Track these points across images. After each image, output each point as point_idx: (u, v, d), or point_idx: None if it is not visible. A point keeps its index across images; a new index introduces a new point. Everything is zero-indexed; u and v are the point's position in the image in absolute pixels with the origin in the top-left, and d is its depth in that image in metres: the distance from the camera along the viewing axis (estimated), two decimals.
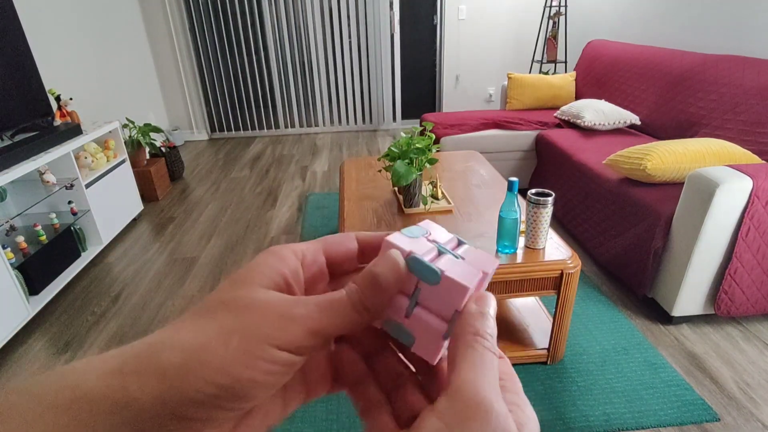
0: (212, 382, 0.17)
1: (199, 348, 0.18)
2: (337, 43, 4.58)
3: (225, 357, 0.18)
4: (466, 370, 0.19)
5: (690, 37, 2.79)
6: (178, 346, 0.18)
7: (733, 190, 1.54)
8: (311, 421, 1.44)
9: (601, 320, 1.83)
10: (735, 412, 1.42)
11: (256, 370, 0.18)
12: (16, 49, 2.12)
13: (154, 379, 0.17)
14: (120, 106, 3.66)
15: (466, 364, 0.19)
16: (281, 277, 0.22)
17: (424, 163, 1.71)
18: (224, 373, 0.18)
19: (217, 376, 0.18)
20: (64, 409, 0.17)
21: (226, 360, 0.18)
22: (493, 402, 0.18)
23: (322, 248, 0.24)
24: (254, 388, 0.18)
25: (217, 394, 0.18)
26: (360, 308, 0.21)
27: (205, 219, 2.94)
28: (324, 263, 0.24)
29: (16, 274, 1.84)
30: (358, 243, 0.25)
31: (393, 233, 0.24)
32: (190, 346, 0.18)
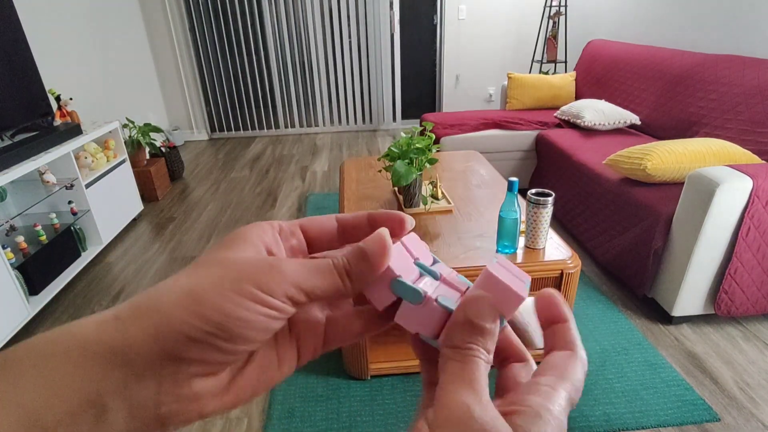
0: (205, 317, 0.18)
1: (194, 289, 0.19)
2: (337, 43, 4.58)
3: (217, 296, 0.19)
4: (445, 381, 0.19)
5: (690, 37, 2.79)
6: (174, 289, 0.19)
7: (733, 190, 1.53)
8: (311, 421, 1.44)
9: (601, 320, 1.83)
10: (735, 412, 1.42)
11: (246, 309, 0.19)
12: (16, 49, 2.12)
13: (149, 318, 0.18)
14: (120, 106, 3.66)
15: (445, 375, 0.19)
16: (263, 244, 0.23)
17: (424, 163, 1.71)
18: (216, 310, 0.18)
19: (209, 312, 0.18)
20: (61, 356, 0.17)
21: (218, 298, 0.19)
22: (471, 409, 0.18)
23: (299, 224, 0.25)
24: (245, 328, 0.19)
25: (210, 331, 0.18)
26: (343, 275, 0.22)
27: (205, 219, 2.94)
28: (302, 237, 0.25)
29: (16, 274, 1.84)
30: (338, 223, 0.26)
31: None
32: (186, 287, 0.19)
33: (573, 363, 0.21)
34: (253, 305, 0.19)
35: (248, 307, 0.19)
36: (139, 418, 0.18)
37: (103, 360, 0.17)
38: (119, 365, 0.17)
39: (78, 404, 0.17)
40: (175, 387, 0.19)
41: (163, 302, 0.19)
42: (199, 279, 0.20)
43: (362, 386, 1.56)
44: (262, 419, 1.47)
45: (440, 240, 1.59)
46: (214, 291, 0.19)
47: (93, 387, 0.17)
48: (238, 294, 0.19)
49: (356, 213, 0.26)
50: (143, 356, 0.18)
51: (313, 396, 1.53)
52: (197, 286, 0.19)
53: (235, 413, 1.49)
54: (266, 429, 1.43)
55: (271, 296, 0.20)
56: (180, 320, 0.18)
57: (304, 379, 1.60)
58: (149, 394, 0.18)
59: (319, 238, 0.26)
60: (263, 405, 1.52)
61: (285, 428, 1.42)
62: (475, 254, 1.48)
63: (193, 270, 0.20)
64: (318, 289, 0.21)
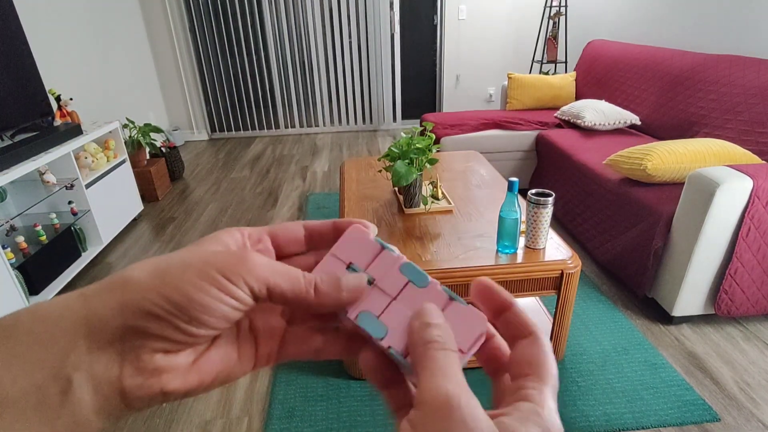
0: (167, 297, 0.19)
1: (161, 268, 0.20)
2: (337, 43, 4.58)
3: (181, 277, 0.20)
4: (425, 378, 0.19)
5: (690, 37, 2.79)
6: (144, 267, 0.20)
7: (734, 190, 1.54)
8: (311, 421, 1.44)
9: (601, 320, 1.83)
10: (735, 412, 1.42)
11: (206, 293, 0.20)
12: (16, 49, 2.12)
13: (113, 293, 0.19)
14: (120, 106, 3.66)
15: (425, 372, 0.20)
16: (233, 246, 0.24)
17: (424, 163, 1.71)
18: (178, 291, 0.19)
19: (171, 292, 0.19)
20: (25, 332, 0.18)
21: (181, 280, 0.20)
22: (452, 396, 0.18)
23: (267, 231, 0.26)
24: (203, 312, 0.20)
25: (170, 310, 0.19)
26: (310, 287, 0.23)
27: (206, 219, 2.94)
28: (269, 244, 0.26)
29: (16, 274, 1.84)
30: (306, 230, 0.27)
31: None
32: (154, 266, 0.20)
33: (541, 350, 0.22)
34: (214, 290, 0.20)
35: (208, 291, 0.20)
36: (102, 392, 0.19)
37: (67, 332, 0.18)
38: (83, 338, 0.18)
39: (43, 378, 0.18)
40: (137, 360, 0.19)
41: (131, 279, 0.20)
42: (169, 260, 0.21)
43: (362, 386, 1.56)
44: (262, 419, 1.47)
45: (440, 240, 1.59)
46: (179, 272, 0.20)
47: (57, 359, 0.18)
48: (201, 278, 0.20)
49: (323, 221, 0.27)
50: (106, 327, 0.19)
51: (313, 396, 1.53)
52: (164, 267, 0.20)
53: (236, 413, 1.49)
54: (266, 428, 1.43)
55: (232, 284, 0.20)
56: (142, 297, 0.19)
57: (305, 379, 1.60)
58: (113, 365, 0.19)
59: (287, 244, 0.27)
60: (263, 405, 1.52)
61: (285, 428, 1.43)
62: (475, 254, 1.48)
63: (165, 255, 0.22)
64: (281, 288, 0.22)
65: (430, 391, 0.18)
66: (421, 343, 0.21)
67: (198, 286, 0.20)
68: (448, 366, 0.20)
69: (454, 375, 0.19)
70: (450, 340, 0.21)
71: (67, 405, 0.18)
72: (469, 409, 0.18)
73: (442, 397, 0.18)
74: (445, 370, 0.19)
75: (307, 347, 0.26)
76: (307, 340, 0.26)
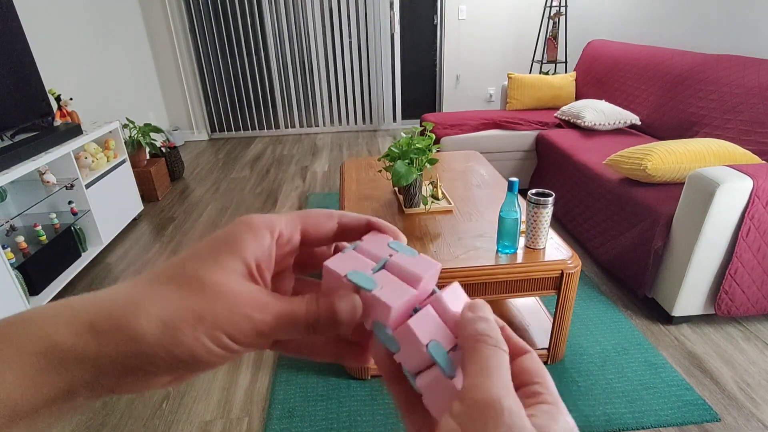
0: (175, 355, 0.20)
1: (172, 327, 0.20)
2: (337, 43, 4.58)
3: (192, 342, 0.20)
4: (473, 372, 0.19)
5: (690, 37, 2.79)
6: (154, 317, 0.20)
7: (734, 190, 1.53)
8: (311, 421, 1.44)
9: (601, 320, 1.83)
10: (735, 412, 1.42)
11: (213, 355, 0.21)
12: (16, 49, 2.12)
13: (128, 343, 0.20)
14: (120, 106, 3.66)
15: (473, 367, 0.20)
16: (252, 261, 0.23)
17: (424, 163, 1.71)
18: (187, 352, 0.20)
19: (181, 352, 0.20)
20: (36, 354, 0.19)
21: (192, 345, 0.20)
22: (502, 399, 0.18)
23: (300, 227, 0.25)
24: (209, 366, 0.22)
25: (176, 366, 0.21)
26: (310, 329, 0.23)
27: (206, 219, 2.94)
28: (298, 241, 0.26)
29: (16, 274, 1.84)
30: (339, 227, 0.26)
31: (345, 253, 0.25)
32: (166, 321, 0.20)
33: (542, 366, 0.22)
34: (219, 351, 0.21)
35: (214, 353, 0.21)
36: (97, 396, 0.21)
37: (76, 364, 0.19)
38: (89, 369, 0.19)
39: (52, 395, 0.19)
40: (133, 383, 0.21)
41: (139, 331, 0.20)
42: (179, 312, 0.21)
43: (362, 386, 1.56)
44: (262, 419, 1.47)
45: (440, 240, 1.59)
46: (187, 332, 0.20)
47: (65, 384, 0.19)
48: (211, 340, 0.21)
49: (358, 216, 0.26)
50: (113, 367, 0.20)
51: (313, 396, 1.53)
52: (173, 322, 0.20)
53: (236, 414, 1.49)
54: (266, 429, 1.43)
55: (238, 345, 0.21)
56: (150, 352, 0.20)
57: (304, 379, 1.60)
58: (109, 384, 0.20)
59: (317, 238, 0.26)
60: (263, 405, 1.52)
61: (285, 428, 1.42)
62: (476, 254, 1.48)
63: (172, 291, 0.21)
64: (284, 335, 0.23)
65: (479, 389, 0.18)
66: (473, 337, 0.21)
67: (206, 348, 0.21)
68: (499, 366, 0.20)
69: (503, 376, 0.19)
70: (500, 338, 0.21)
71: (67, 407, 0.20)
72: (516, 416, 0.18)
73: (490, 398, 0.18)
74: (495, 370, 0.19)
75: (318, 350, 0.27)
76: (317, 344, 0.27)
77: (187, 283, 0.21)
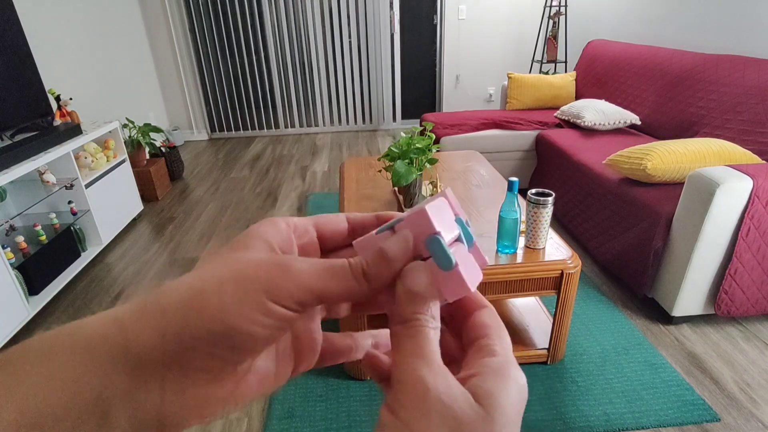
0: (207, 328, 0.18)
1: (196, 294, 0.18)
2: (337, 43, 4.58)
3: (219, 305, 0.18)
4: (399, 358, 0.19)
5: (690, 37, 2.79)
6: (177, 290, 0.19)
7: (734, 190, 1.53)
8: (311, 421, 1.44)
9: (601, 320, 1.83)
10: (735, 412, 1.42)
11: (248, 320, 0.18)
12: (16, 49, 2.12)
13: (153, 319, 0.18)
14: (120, 106, 3.66)
15: (399, 352, 0.19)
16: (277, 243, 0.22)
17: (424, 163, 1.71)
18: (218, 321, 0.18)
19: (211, 324, 0.18)
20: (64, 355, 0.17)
21: (220, 308, 0.18)
22: (427, 381, 0.18)
23: (314, 222, 0.25)
24: (247, 339, 0.18)
25: (212, 341, 0.18)
26: (360, 277, 0.20)
27: (205, 219, 2.94)
28: (315, 236, 0.25)
29: (15, 274, 1.84)
30: (349, 223, 0.26)
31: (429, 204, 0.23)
32: (189, 290, 0.19)
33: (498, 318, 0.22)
34: (256, 315, 0.18)
35: (250, 317, 0.18)
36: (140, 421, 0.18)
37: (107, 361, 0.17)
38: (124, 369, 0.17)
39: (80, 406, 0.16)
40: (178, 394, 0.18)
41: (167, 303, 0.18)
42: (205, 277, 0.19)
43: (362, 386, 1.56)
44: (261, 419, 1.47)
45: None
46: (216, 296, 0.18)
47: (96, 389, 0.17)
48: (240, 303, 0.18)
49: (365, 214, 0.26)
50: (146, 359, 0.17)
51: (313, 396, 1.53)
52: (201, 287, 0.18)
53: (235, 413, 1.49)
54: (266, 429, 1.43)
55: (278, 304, 0.19)
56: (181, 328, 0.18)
57: (304, 379, 1.60)
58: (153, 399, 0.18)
59: (332, 237, 0.25)
60: (263, 405, 1.52)
61: (285, 428, 1.42)
62: None
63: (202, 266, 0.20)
64: (330, 291, 0.20)
65: (403, 372, 0.18)
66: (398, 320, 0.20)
67: (238, 312, 0.18)
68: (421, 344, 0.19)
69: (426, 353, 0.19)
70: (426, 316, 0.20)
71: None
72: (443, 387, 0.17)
73: (414, 379, 0.18)
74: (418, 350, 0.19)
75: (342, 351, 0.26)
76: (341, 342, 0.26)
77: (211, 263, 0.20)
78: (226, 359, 0.19)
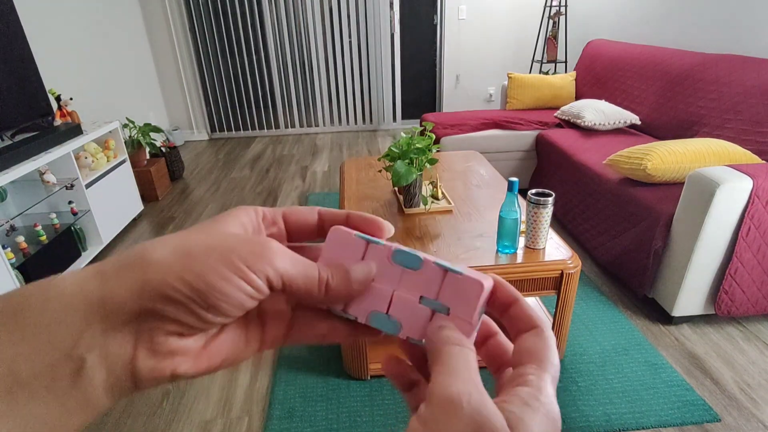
0: (188, 282, 0.19)
1: (184, 250, 0.20)
2: (337, 43, 4.58)
3: (205, 265, 0.19)
4: (436, 372, 0.20)
5: (690, 37, 2.79)
6: (166, 244, 0.20)
7: (734, 190, 1.53)
8: (311, 421, 1.44)
9: (601, 320, 1.83)
10: (735, 412, 1.42)
11: (228, 282, 0.20)
12: (16, 49, 2.12)
13: (134, 274, 0.19)
14: (120, 106, 3.66)
15: (436, 368, 0.20)
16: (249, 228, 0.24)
17: (424, 163, 1.71)
18: (201, 279, 0.19)
19: (193, 279, 0.19)
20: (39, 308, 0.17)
21: (205, 267, 0.19)
22: (462, 396, 0.18)
23: (282, 212, 0.26)
24: (222, 300, 0.20)
25: (190, 296, 0.19)
26: (322, 285, 0.23)
27: (206, 219, 2.94)
28: (282, 226, 0.26)
29: (16, 274, 1.84)
30: (320, 218, 0.26)
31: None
32: (177, 246, 0.20)
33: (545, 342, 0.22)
34: (236, 279, 0.20)
35: (230, 280, 0.20)
36: (115, 373, 0.18)
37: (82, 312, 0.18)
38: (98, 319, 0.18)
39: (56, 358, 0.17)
40: (150, 342, 0.19)
41: (152, 258, 0.19)
42: (191, 242, 0.20)
43: (362, 386, 1.56)
44: (262, 419, 1.47)
45: (440, 240, 1.59)
46: (202, 257, 0.20)
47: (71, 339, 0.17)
48: (225, 266, 0.20)
49: (337, 210, 0.27)
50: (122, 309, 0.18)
51: (313, 396, 1.53)
52: (187, 249, 0.20)
53: (236, 413, 1.49)
54: (266, 429, 1.43)
55: (254, 274, 0.20)
56: (162, 280, 0.19)
57: (304, 379, 1.60)
58: (126, 347, 0.19)
59: (299, 229, 0.26)
60: (263, 405, 1.52)
61: (285, 428, 1.42)
62: (475, 254, 1.48)
63: (186, 233, 0.21)
64: (297, 283, 0.22)
65: (439, 387, 0.19)
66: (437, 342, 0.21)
67: (221, 273, 0.19)
68: (460, 362, 0.20)
69: (463, 371, 0.19)
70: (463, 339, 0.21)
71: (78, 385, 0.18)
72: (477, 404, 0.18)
73: (450, 394, 0.18)
74: (456, 367, 0.19)
75: (312, 332, 0.26)
76: (313, 325, 0.26)
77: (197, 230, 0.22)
78: (199, 315, 0.20)
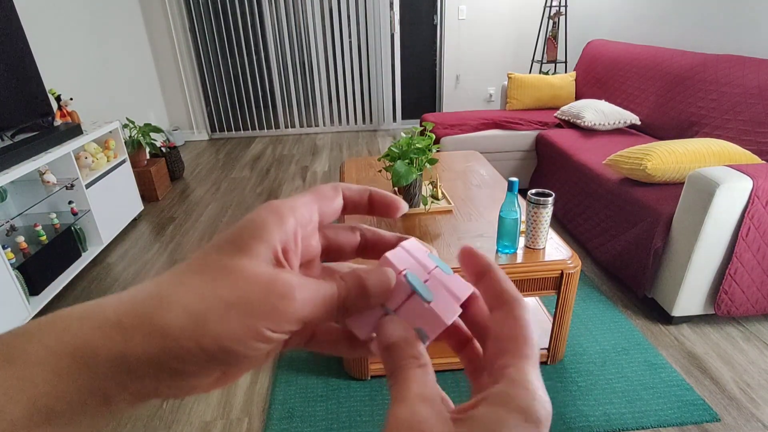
0: (205, 349, 0.19)
1: (200, 317, 0.19)
2: (337, 43, 4.58)
3: (221, 331, 0.19)
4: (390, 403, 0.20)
5: (690, 37, 2.79)
6: (180, 308, 0.19)
7: (733, 190, 1.54)
8: (311, 421, 1.44)
9: (601, 320, 1.83)
10: (735, 412, 1.42)
11: (246, 346, 0.19)
12: (16, 49, 2.12)
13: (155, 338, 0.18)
14: (120, 106, 3.66)
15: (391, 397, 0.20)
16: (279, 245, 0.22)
17: (424, 163, 1.71)
18: (219, 346, 0.19)
19: (212, 346, 0.19)
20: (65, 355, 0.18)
21: (222, 334, 0.19)
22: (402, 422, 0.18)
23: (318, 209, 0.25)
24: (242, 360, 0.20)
25: (209, 359, 0.19)
26: (341, 309, 0.22)
27: (206, 219, 2.94)
28: (317, 221, 0.25)
29: (16, 275, 1.84)
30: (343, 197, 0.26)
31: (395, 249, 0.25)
32: (193, 312, 0.19)
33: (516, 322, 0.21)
34: (254, 343, 0.19)
35: (249, 344, 0.19)
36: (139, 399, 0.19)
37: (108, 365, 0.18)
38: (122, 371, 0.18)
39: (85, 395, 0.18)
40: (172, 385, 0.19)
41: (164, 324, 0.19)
42: (206, 302, 0.19)
43: (362, 386, 1.56)
44: (262, 419, 1.47)
45: (440, 240, 1.59)
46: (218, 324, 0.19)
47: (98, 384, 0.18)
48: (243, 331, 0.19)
49: (360, 187, 0.26)
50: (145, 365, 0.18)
51: (313, 396, 1.53)
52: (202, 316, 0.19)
53: (236, 414, 1.49)
54: (266, 429, 1.43)
55: (275, 333, 0.20)
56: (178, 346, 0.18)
57: (304, 380, 1.60)
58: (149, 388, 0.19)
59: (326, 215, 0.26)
60: (263, 405, 1.52)
61: (285, 428, 1.43)
62: None
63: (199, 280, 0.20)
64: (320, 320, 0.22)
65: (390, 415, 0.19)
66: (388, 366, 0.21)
67: (239, 339, 0.19)
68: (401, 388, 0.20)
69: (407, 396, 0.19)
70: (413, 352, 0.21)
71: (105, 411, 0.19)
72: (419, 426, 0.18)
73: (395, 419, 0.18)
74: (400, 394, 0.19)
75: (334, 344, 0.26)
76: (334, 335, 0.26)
77: (212, 273, 0.20)
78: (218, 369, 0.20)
